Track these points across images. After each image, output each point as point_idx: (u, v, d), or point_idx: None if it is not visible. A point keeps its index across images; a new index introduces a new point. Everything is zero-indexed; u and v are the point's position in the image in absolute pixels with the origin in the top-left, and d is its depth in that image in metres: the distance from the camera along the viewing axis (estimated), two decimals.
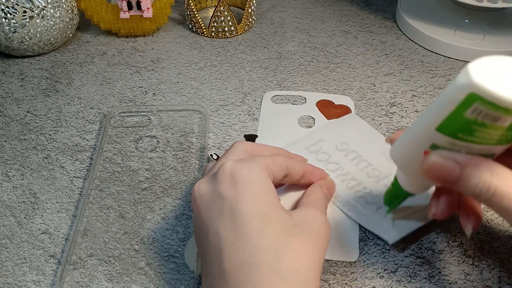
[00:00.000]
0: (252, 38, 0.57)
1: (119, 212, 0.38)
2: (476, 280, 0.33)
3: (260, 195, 0.29)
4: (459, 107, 0.24)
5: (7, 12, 0.49)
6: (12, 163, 0.42)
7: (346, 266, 0.34)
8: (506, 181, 0.26)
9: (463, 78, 0.23)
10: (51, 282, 0.34)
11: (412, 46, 0.56)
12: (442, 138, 0.26)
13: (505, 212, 0.26)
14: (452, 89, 0.24)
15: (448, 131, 0.26)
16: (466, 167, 0.26)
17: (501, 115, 0.24)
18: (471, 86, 0.23)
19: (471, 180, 0.26)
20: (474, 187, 0.26)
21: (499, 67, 0.24)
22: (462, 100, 0.24)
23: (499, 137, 0.26)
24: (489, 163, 0.26)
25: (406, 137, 0.29)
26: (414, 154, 0.28)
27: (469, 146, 0.26)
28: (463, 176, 0.26)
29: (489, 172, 0.26)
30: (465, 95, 0.23)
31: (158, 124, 0.45)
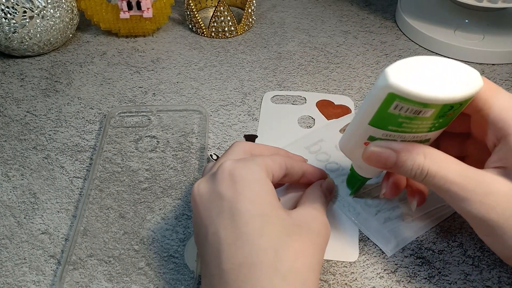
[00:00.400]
0: (252, 38, 0.57)
1: (119, 212, 0.38)
2: (476, 280, 0.33)
3: (260, 194, 0.29)
4: (382, 105, 0.27)
5: (7, 12, 0.49)
6: (12, 163, 0.42)
7: (346, 266, 0.34)
8: (437, 162, 0.28)
9: (381, 80, 0.26)
10: (51, 282, 0.34)
11: (412, 46, 0.56)
12: (376, 131, 0.29)
13: (439, 190, 0.29)
14: (374, 90, 0.27)
15: (379, 125, 0.29)
16: (401, 153, 0.29)
17: (421, 109, 0.27)
18: (388, 87, 0.26)
19: (406, 164, 0.29)
20: (410, 170, 0.29)
21: (415, 67, 0.27)
22: (384, 99, 0.27)
23: (428, 125, 0.29)
24: (422, 148, 0.29)
25: (348, 131, 0.32)
26: (356, 145, 0.31)
27: (402, 135, 0.29)
28: (399, 161, 0.29)
29: (422, 155, 0.29)
30: (385, 95, 0.26)
31: (158, 124, 0.45)
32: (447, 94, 0.26)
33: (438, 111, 0.27)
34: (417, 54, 0.54)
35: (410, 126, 0.28)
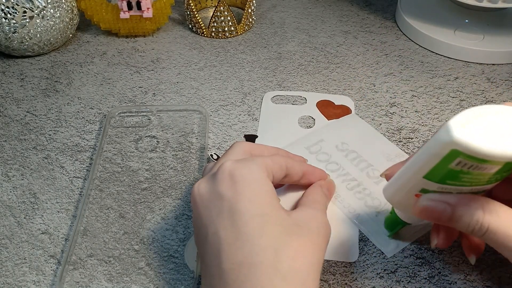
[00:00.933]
0: (252, 38, 0.57)
1: (119, 212, 0.38)
2: (476, 280, 0.33)
3: (260, 195, 0.29)
4: (443, 161, 0.25)
5: (7, 12, 0.49)
6: (12, 163, 0.42)
7: (346, 266, 0.34)
8: (498, 218, 0.26)
9: (444, 135, 0.24)
10: (51, 282, 0.34)
11: (412, 46, 0.56)
12: (431, 184, 0.27)
13: (500, 247, 0.27)
14: (434, 145, 0.25)
15: (435, 179, 0.26)
16: (457, 207, 0.27)
17: (486, 165, 0.24)
18: (452, 143, 0.23)
19: (463, 219, 0.27)
20: (467, 225, 0.27)
21: (480, 119, 0.24)
22: (445, 155, 0.24)
23: (487, 179, 0.26)
24: (480, 201, 0.27)
25: (398, 180, 0.29)
26: (406, 196, 0.29)
27: (459, 188, 0.27)
28: (455, 216, 0.27)
29: (480, 210, 0.26)
30: (447, 151, 0.24)
31: (158, 124, 0.45)
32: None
33: (503, 165, 0.25)
34: (417, 54, 0.54)
35: (469, 180, 0.26)
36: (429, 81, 0.51)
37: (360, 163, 0.41)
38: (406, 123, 0.45)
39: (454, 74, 0.52)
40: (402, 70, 0.52)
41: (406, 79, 0.51)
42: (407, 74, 0.52)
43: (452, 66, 0.53)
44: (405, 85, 0.50)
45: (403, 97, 0.49)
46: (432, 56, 0.54)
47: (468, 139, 0.23)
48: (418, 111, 0.47)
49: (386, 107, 0.47)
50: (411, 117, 0.46)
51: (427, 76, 0.51)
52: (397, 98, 0.48)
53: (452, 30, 0.55)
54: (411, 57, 0.54)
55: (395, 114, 0.47)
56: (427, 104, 0.48)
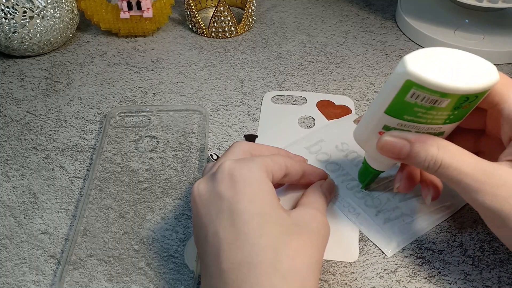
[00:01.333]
0: (252, 38, 0.57)
1: (119, 212, 0.38)
2: (476, 280, 0.33)
3: (259, 194, 0.29)
4: (399, 93, 0.27)
5: (7, 12, 0.49)
6: (12, 163, 0.42)
7: (346, 266, 0.34)
8: (450, 154, 0.29)
9: (400, 67, 0.27)
10: (50, 282, 0.34)
11: (412, 46, 0.56)
12: (391, 120, 0.29)
13: (451, 181, 0.29)
14: (392, 77, 0.27)
15: (394, 114, 0.29)
16: (415, 144, 0.29)
17: (438, 98, 0.27)
18: (406, 74, 0.26)
19: (420, 155, 0.29)
20: (423, 161, 0.29)
21: (434, 57, 0.27)
22: (401, 86, 0.27)
23: (443, 117, 0.29)
24: (436, 140, 0.29)
25: (363, 120, 0.32)
26: (371, 135, 0.31)
27: (417, 126, 0.29)
28: (413, 152, 0.29)
29: (435, 147, 0.29)
30: (402, 82, 0.27)
31: (158, 124, 0.45)
32: (464, 85, 0.26)
33: (455, 102, 0.27)
34: None
35: (425, 116, 0.28)
36: None
37: (360, 163, 0.41)
38: None
39: None
40: None
41: None
42: None
43: None
44: None
45: None
46: None
47: (420, 70, 0.26)
48: None
49: None
50: None
51: None
52: None
53: (452, 30, 0.55)
54: None
55: None
56: None
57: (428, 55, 0.27)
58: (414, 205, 0.37)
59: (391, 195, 0.38)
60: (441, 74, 0.26)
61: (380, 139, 0.30)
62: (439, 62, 0.27)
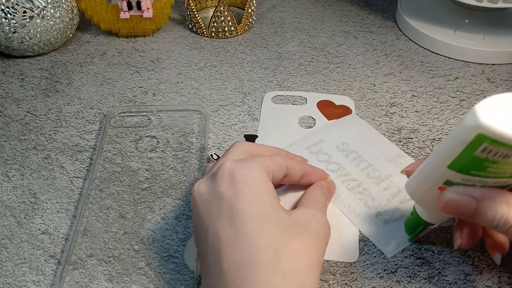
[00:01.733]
0: (252, 38, 0.57)
1: (119, 212, 0.38)
2: (476, 280, 0.33)
3: (259, 194, 0.29)
4: (468, 147, 0.24)
5: (7, 12, 0.49)
6: (12, 163, 0.42)
7: (346, 266, 0.34)
8: None
9: (471, 119, 0.23)
10: (51, 282, 0.34)
11: (412, 46, 0.56)
12: (455, 175, 0.26)
13: None
14: (460, 130, 0.24)
15: (460, 169, 0.26)
16: (482, 201, 0.26)
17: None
18: (479, 127, 0.23)
19: (487, 213, 0.26)
20: (491, 220, 0.26)
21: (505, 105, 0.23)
22: (471, 141, 0.24)
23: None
24: (505, 195, 0.26)
25: (420, 173, 0.29)
26: (430, 190, 0.28)
27: (483, 180, 0.26)
28: (480, 210, 0.26)
29: (505, 204, 0.26)
30: (473, 136, 0.23)
31: (158, 124, 0.45)
32: None
33: None
34: (417, 54, 0.54)
35: (495, 171, 0.26)
36: (429, 81, 0.51)
37: (360, 163, 0.41)
38: (406, 123, 0.45)
39: (454, 74, 0.52)
40: (402, 70, 0.52)
41: (406, 79, 0.51)
42: (407, 74, 0.52)
43: (452, 66, 0.53)
44: (405, 85, 0.50)
45: (403, 97, 0.49)
46: (432, 56, 0.54)
47: (495, 123, 0.23)
48: (418, 111, 0.47)
49: (386, 107, 0.47)
50: (411, 117, 0.46)
51: (427, 76, 0.51)
52: (397, 98, 0.48)
53: (452, 30, 0.55)
54: (411, 57, 0.54)
55: (395, 114, 0.47)
56: (427, 104, 0.48)
57: (499, 103, 0.23)
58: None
59: (391, 197, 0.38)
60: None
61: (443, 197, 0.27)
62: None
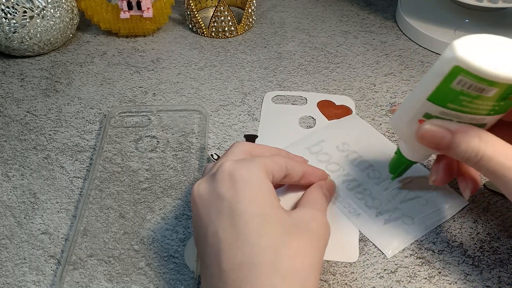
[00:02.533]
0: (252, 38, 0.57)
1: (119, 212, 0.38)
2: (476, 280, 0.33)
3: (259, 195, 0.29)
4: (445, 79, 0.26)
5: (7, 12, 0.49)
6: (12, 163, 0.42)
7: (346, 267, 0.34)
8: (493, 147, 0.28)
9: (448, 52, 0.26)
10: (51, 282, 0.34)
11: (412, 46, 0.56)
12: (434, 108, 0.29)
13: (492, 174, 0.28)
14: (439, 63, 0.27)
15: (438, 101, 0.28)
16: (456, 134, 0.28)
17: (485, 87, 0.26)
18: (455, 59, 0.25)
19: (461, 146, 0.28)
20: (463, 152, 0.28)
21: (483, 43, 0.26)
22: (448, 72, 0.26)
23: (488, 107, 0.28)
24: (478, 131, 0.28)
25: (403, 107, 0.31)
26: (410, 122, 0.30)
27: (459, 115, 0.28)
28: (454, 143, 0.29)
29: (477, 138, 0.28)
30: (450, 68, 0.26)
31: (158, 124, 0.45)
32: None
33: (502, 92, 0.26)
34: (417, 54, 0.54)
35: (469, 105, 0.27)
36: None
37: (360, 163, 0.41)
38: None
39: None
40: (402, 70, 0.52)
41: (406, 79, 0.51)
42: (407, 74, 0.52)
43: None
44: (405, 85, 0.50)
45: (403, 97, 0.49)
46: (432, 56, 0.54)
47: (469, 56, 0.25)
48: None
49: (386, 107, 0.47)
50: None
51: None
52: (397, 98, 0.48)
53: (452, 30, 0.55)
54: (411, 57, 0.54)
55: None
56: None
57: (478, 41, 0.26)
58: (415, 207, 0.37)
59: (391, 197, 0.38)
60: (491, 61, 0.25)
61: (421, 128, 0.29)
62: (489, 49, 0.26)
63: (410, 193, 0.38)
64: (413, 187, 0.38)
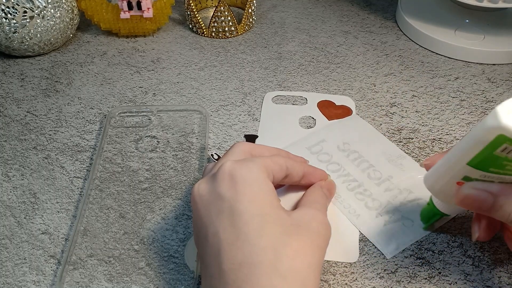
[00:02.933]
0: (252, 38, 0.57)
1: (119, 212, 0.38)
2: (476, 280, 0.33)
3: (260, 195, 0.29)
4: (488, 147, 0.25)
5: (7, 12, 0.49)
6: (12, 163, 0.42)
7: (346, 267, 0.34)
8: None
9: (492, 120, 0.24)
10: (51, 282, 0.34)
11: (412, 46, 0.56)
12: (474, 171, 0.27)
13: None
14: (481, 130, 0.25)
15: (479, 166, 0.26)
16: (499, 197, 0.27)
17: None
18: (500, 128, 0.23)
19: (504, 208, 0.27)
20: (508, 215, 0.27)
21: None
22: (491, 140, 0.24)
23: None
24: None
25: (440, 168, 0.30)
26: (448, 184, 0.29)
27: (501, 177, 0.27)
28: (497, 205, 0.27)
29: None
30: (494, 137, 0.24)
31: (158, 124, 0.45)
32: None
33: None
34: (417, 54, 0.54)
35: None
36: (430, 81, 0.51)
37: (361, 163, 0.41)
38: (406, 123, 0.45)
39: (455, 74, 0.51)
40: (402, 70, 0.52)
41: (406, 79, 0.51)
42: (407, 74, 0.52)
43: (453, 66, 0.53)
44: (406, 85, 0.50)
45: (403, 97, 0.49)
46: (433, 56, 0.54)
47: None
48: (419, 111, 0.47)
49: (386, 107, 0.47)
50: (412, 117, 0.46)
51: (427, 76, 0.51)
52: (397, 98, 0.48)
53: (452, 30, 0.55)
54: (412, 57, 0.54)
55: (396, 114, 0.46)
56: (427, 104, 0.48)
57: None
58: (415, 208, 0.37)
59: (391, 197, 0.38)
60: None
61: (461, 192, 0.28)
62: None
63: (410, 194, 0.38)
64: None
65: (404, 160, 0.41)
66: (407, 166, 0.41)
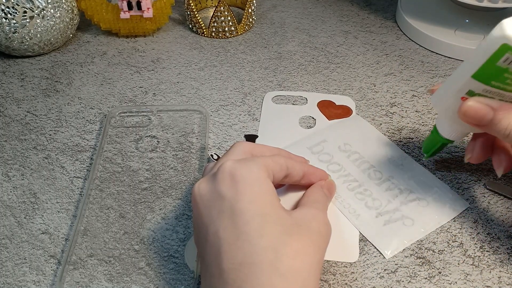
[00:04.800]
0: (252, 38, 0.57)
1: (119, 212, 0.38)
2: (476, 280, 0.33)
3: (260, 194, 0.29)
4: (492, 57, 0.27)
5: (7, 12, 0.49)
6: (12, 163, 0.42)
7: (346, 267, 0.34)
8: None
9: (497, 30, 0.27)
10: (51, 282, 0.34)
11: (413, 46, 0.56)
12: (477, 85, 0.30)
13: None
14: (487, 41, 0.27)
15: (482, 79, 0.29)
16: (499, 111, 0.30)
17: None
18: (503, 37, 0.26)
19: (502, 122, 0.30)
20: (504, 129, 0.30)
21: None
22: (495, 50, 0.27)
23: None
24: None
25: (446, 84, 0.32)
26: (453, 99, 0.32)
27: (502, 93, 0.30)
28: (495, 119, 0.30)
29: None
30: (498, 46, 0.27)
31: (158, 124, 0.45)
32: None
33: None
34: (417, 54, 0.54)
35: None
36: (430, 81, 0.51)
37: (362, 164, 0.41)
38: (406, 123, 0.45)
39: None
40: (402, 70, 0.52)
41: (406, 79, 0.51)
42: (407, 74, 0.52)
43: (453, 66, 0.53)
44: (406, 85, 0.50)
45: (403, 97, 0.49)
46: (433, 56, 0.54)
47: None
48: (419, 111, 0.47)
49: (386, 107, 0.47)
50: (412, 117, 0.46)
51: (427, 76, 0.51)
52: (397, 98, 0.48)
53: (452, 30, 0.55)
54: (412, 57, 0.54)
55: (396, 114, 0.46)
56: (427, 104, 0.48)
57: None
58: (415, 208, 0.37)
59: (392, 197, 0.38)
60: None
61: (464, 104, 0.31)
62: None
63: (410, 194, 0.38)
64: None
65: (405, 160, 0.41)
66: (407, 166, 0.41)
